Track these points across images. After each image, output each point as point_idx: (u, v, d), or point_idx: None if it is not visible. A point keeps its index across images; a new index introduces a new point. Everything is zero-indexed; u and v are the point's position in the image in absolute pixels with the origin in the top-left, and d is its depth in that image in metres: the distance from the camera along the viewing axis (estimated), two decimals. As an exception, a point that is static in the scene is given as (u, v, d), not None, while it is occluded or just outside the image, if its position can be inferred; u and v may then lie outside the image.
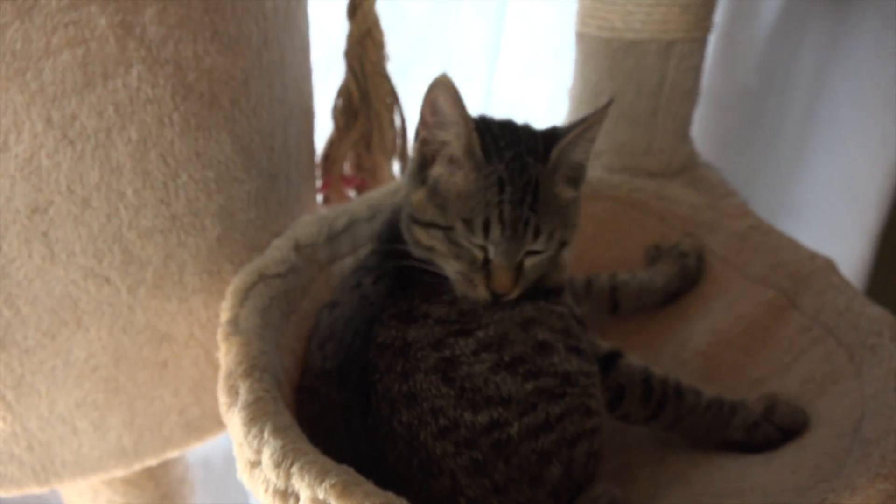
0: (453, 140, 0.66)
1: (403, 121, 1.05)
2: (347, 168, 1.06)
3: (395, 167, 1.07)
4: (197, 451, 1.18)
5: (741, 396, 0.74)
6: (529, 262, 0.67)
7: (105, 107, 0.66)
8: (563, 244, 0.69)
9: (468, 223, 0.65)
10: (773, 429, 0.70)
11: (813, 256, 0.85)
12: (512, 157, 0.66)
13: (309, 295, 0.82)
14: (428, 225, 0.68)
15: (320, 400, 0.69)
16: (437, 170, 0.67)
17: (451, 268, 0.68)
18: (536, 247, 0.66)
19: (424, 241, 0.68)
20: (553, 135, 0.69)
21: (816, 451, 0.66)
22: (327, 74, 1.03)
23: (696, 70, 1.05)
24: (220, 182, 0.76)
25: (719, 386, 0.78)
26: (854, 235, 1.40)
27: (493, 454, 0.62)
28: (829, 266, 0.83)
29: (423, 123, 0.68)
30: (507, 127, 0.70)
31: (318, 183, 1.05)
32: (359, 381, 0.66)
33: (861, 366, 0.72)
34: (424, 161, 0.69)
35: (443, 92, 0.65)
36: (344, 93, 1.02)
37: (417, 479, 0.62)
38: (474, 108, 0.72)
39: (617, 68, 1.02)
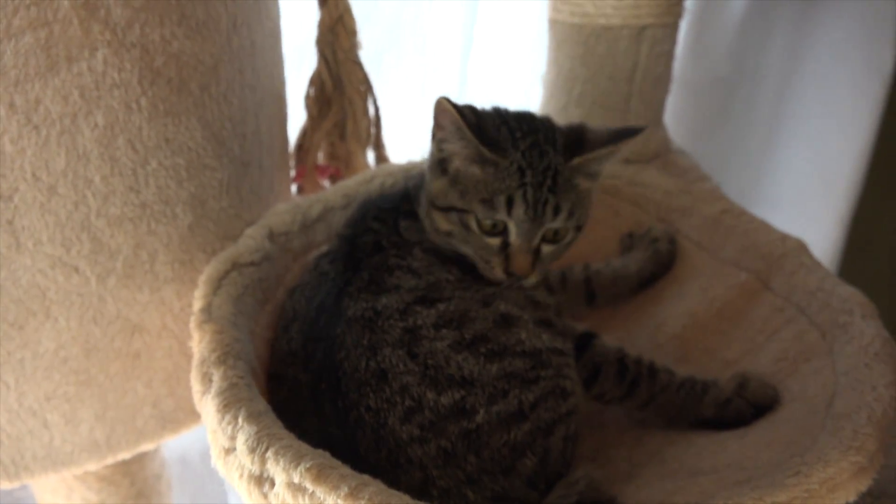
0: (463, 150, 0.69)
1: (377, 109, 1.04)
2: (321, 157, 1.05)
3: (370, 156, 1.06)
4: (174, 448, 1.18)
5: (714, 377, 0.75)
6: (546, 249, 0.70)
7: (70, 91, 0.65)
8: (578, 228, 0.71)
9: (489, 203, 0.67)
10: (745, 403, 0.71)
11: (784, 238, 0.85)
12: (529, 146, 0.69)
13: (283, 284, 0.81)
14: (447, 209, 0.70)
15: (288, 383, 0.69)
16: (456, 163, 0.70)
17: (469, 251, 0.70)
18: (556, 224, 0.68)
19: (443, 227, 0.71)
20: (579, 137, 0.71)
21: (790, 427, 0.66)
22: (300, 64, 1.03)
23: (668, 56, 1.05)
24: (191, 169, 0.75)
25: (694, 367, 0.79)
26: (825, 221, 1.43)
27: (462, 445, 0.62)
28: (800, 247, 0.84)
29: (435, 131, 0.70)
30: (524, 118, 0.73)
31: (292, 173, 1.04)
32: (325, 359, 0.65)
33: (833, 344, 0.73)
34: (444, 157, 0.71)
35: (442, 114, 0.68)
36: (316, 81, 1.01)
37: (388, 472, 0.61)
38: (449, 96, 0.73)
39: (590, 54, 1.02)
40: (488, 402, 0.63)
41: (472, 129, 0.67)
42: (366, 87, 1.02)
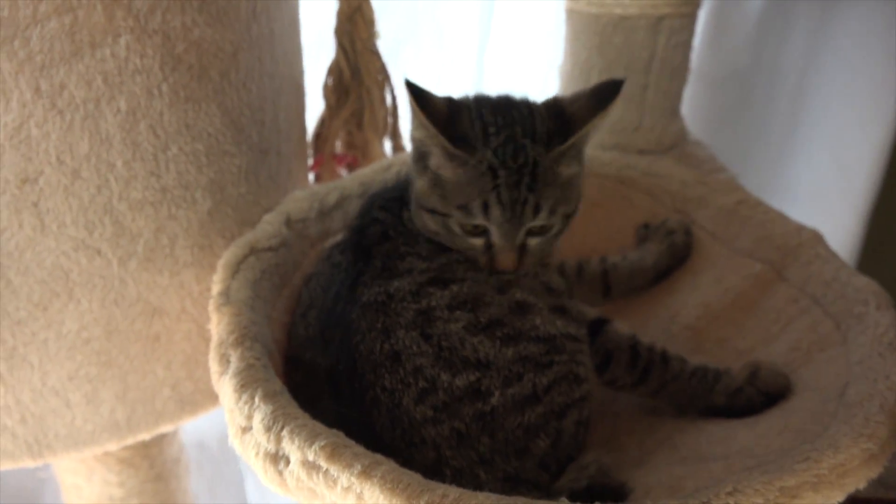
0: (430, 143, 0.67)
1: (394, 98, 1.05)
2: (339, 146, 1.06)
3: (387, 145, 1.07)
4: (192, 433, 1.19)
5: (726, 366, 0.75)
6: (533, 241, 0.68)
7: (93, 76, 0.66)
8: (567, 217, 0.69)
9: (465, 208, 0.66)
10: (756, 392, 0.71)
11: (800, 229, 0.85)
12: (502, 142, 0.66)
13: (301, 270, 0.82)
14: (431, 211, 0.69)
15: (304, 366, 0.70)
16: (434, 160, 0.69)
17: (456, 248, 0.70)
18: (538, 223, 0.67)
19: (431, 226, 0.70)
20: (559, 117, 0.68)
21: (801, 416, 0.66)
22: (319, 53, 1.04)
23: (686, 46, 1.05)
24: (211, 155, 0.77)
25: (707, 358, 0.79)
26: (844, 214, 1.41)
27: (476, 427, 0.63)
28: (816, 238, 0.84)
29: (412, 117, 0.69)
30: (502, 108, 0.69)
31: (310, 161, 1.05)
32: (342, 345, 0.66)
33: (847, 334, 0.73)
34: (422, 151, 0.70)
35: (409, 98, 0.65)
36: (334, 71, 1.02)
37: (403, 451, 0.62)
38: (465, 88, 0.73)
39: (606, 45, 1.02)
40: (503, 384, 0.63)
41: (437, 124, 0.65)
42: (383, 77, 1.03)
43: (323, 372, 0.68)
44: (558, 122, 0.68)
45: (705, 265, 0.90)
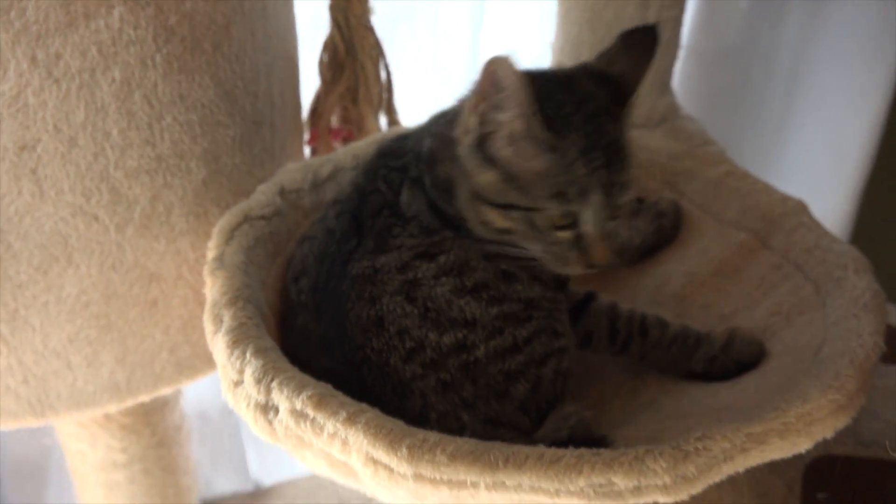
0: (513, 122, 0.63)
1: (389, 74, 1.07)
2: (335, 121, 1.08)
3: (382, 120, 1.09)
4: (193, 403, 1.22)
5: (708, 329, 0.77)
6: (611, 225, 0.67)
7: (88, 47, 0.68)
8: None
9: (561, 196, 0.63)
10: (729, 360, 0.73)
11: (785, 199, 0.87)
12: (584, 120, 0.64)
13: (294, 239, 0.84)
14: (507, 207, 0.65)
15: (297, 329, 0.72)
16: (504, 151, 0.64)
17: (536, 247, 0.67)
18: (624, 199, 0.66)
19: (499, 224, 0.66)
20: (605, 78, 0.67)
21: (778, 374, 0.68)
22: (314, 29, 1.05)
23: (676, 21, 1.06)
24: (205, 125, 0.79)
25: (692, 322, 0.80)
26: (837, 193, 1.42)
27: (460, 375, 0.65)
28: (800, 207, 0.85)
29: (481, 98, 0.63)
30: (561, 83, 0.67)
31: (306, 136, 1.07)
32: (334, 315, 0.68)
33: (826, 298, 0.75)
34: (483, 135, 0.66)
35: (493, 80, 0.61)
36: (329, 46, 1.04)
37: (392, 402, 0.65)
38: (460, 65, 0.73)
39: (597, 20, 1.04)
40: (487, 338, 0.66)
41: (533, 103, 0.60)
42: (377, 53, 1.05)
43: (315, 335, 0.70)
44: (608, 87, 0.67)
45: (693, 238, 0.91)
